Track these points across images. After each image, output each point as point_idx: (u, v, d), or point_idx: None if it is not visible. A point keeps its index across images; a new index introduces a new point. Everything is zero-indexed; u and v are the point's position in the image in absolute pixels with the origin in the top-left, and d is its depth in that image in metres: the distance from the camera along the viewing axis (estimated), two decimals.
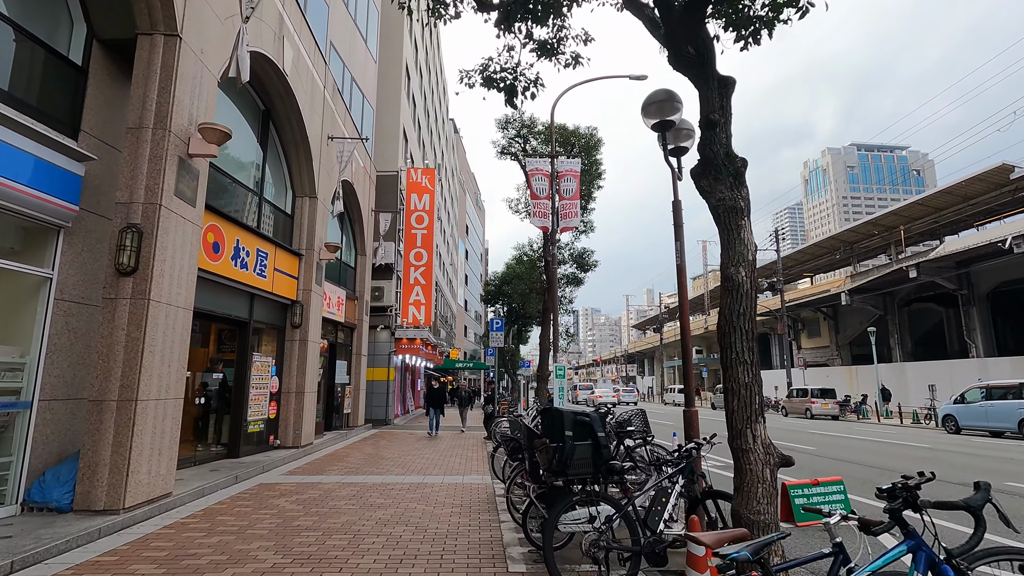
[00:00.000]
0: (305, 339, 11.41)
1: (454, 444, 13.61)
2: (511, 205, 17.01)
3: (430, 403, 15.71)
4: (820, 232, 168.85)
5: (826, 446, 14.10)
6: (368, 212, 17.50)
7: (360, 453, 11.54)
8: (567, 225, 13.15)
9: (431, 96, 37.56)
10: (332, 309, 14.34)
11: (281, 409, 11.05)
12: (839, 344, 40.13)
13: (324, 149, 12.48)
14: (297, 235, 11.73)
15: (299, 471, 9.06)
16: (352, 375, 16.43)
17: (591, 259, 16.41)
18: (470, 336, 69.73)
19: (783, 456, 3.54)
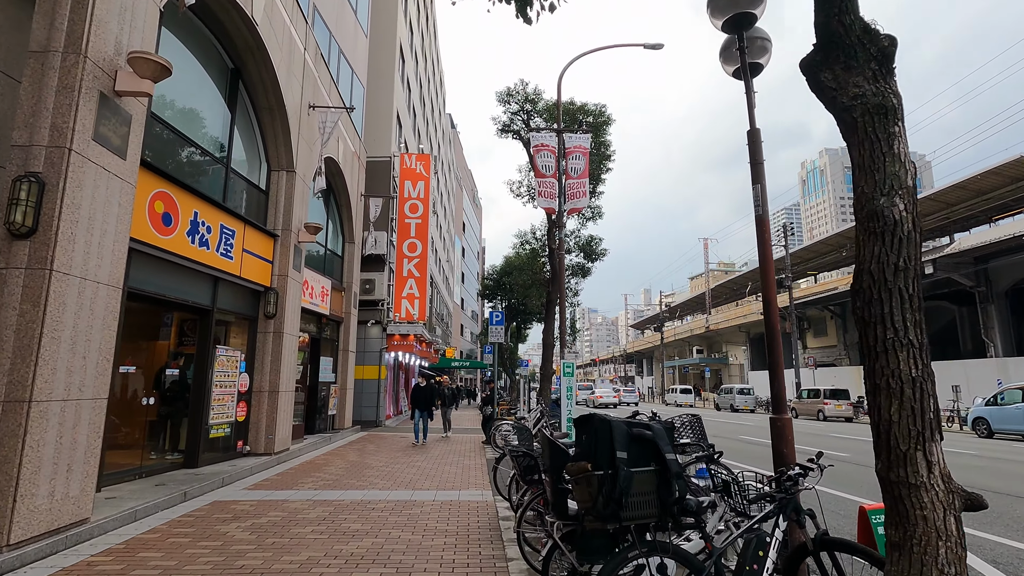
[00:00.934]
0: (280, 331, 10.04)
1: (448, 450, 12.26)
2: (512, 188, 15.73)
3: (415, 405, 13.62)
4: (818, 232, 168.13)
5: (862, 453, 12.83)
6: (357, 197, 16.14)
7: (342, 461, 10.17)
8: (575, 206, 11.83)
9: (427, 85, 36.21)
10: (315, 300, 12.98)
11: (252, 411, 9.67)
12: (847, 343, 38.96)
13: (305, 119, 11.12)
14: (272, 213, 10.36)
15: (266, 484, 7.69)
16: (338, 373, 15.07)
17: (599, 247, 15.11)
18: (466, 335, 68.39)
19: (969, 494, 2.23)
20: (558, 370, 17.92)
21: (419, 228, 20.82)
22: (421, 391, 13.79)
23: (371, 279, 19.54)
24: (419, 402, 13.68)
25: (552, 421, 11.70)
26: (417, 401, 13.72)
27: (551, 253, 14.47)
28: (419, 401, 13.70)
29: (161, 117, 7.42)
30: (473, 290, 75.59)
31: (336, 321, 15.03)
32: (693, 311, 76.58)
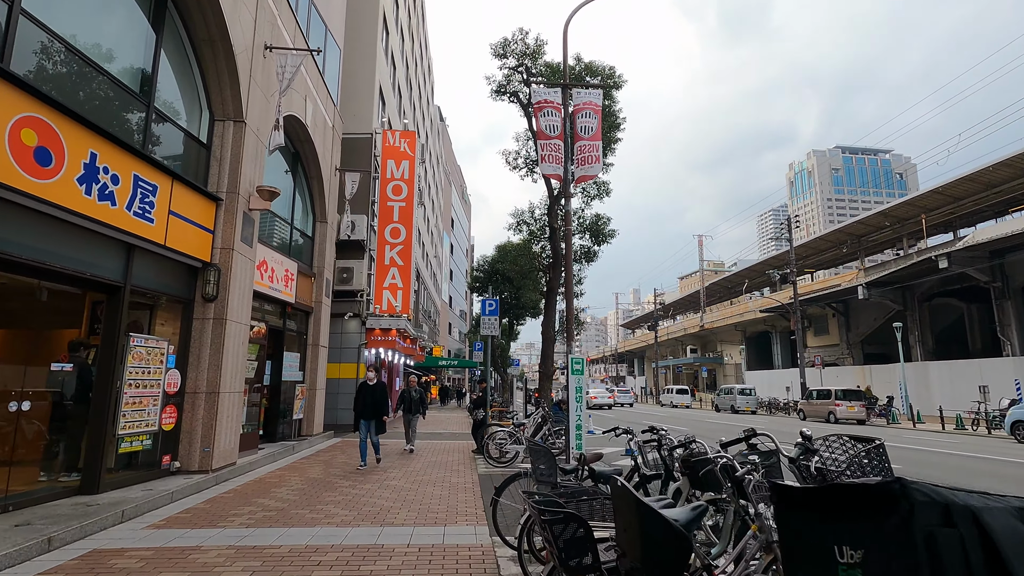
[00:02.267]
0: (223, 318, 8.06)
1: (431, 463, 10.34)
2: (508, 159, 13.78)
3: (359, 413, 9.54)
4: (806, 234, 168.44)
5: (914, 463, 11.12)
6: (331, 171, 14.16)
7: (300, 479, 8.22)
8: (586, 173, 9.95)
9: (414, 68, 34.22)
10: (276, 284, 11.00)
11: (184, 417, 7.69)
12: (850, 342, 37.59)
13: (260, 63, 9.15)
14: (215, 172, 8.38)
15: (181, 518, 5.73)
16: (307, 371, 13.08)
17: (607, 228, 13.27)
18: (454, 334, 66.45)
19: None
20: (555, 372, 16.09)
21: (403, 212, 18.88)
22: (368, 393, 9.56)
23: (349, 267, 17.56)
24: (365, 408, 9.49)
25: (556, 428, 9.85)
26: (362, 407, 9.53)
27: (552, 233, 12.62)
28: (365, 407, 9.49)
29: (46, 24, 5.45)
30: (461, 288, 73.58)
31: (304, 311, 13.04)
32: (686, 310, 75.30)
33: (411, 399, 11.70)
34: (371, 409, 9.52)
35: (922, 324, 32.45)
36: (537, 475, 3.83)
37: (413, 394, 11.78)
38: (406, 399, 11.67)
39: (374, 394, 9.65)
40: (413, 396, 11.75)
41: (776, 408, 33.22)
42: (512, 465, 9.63)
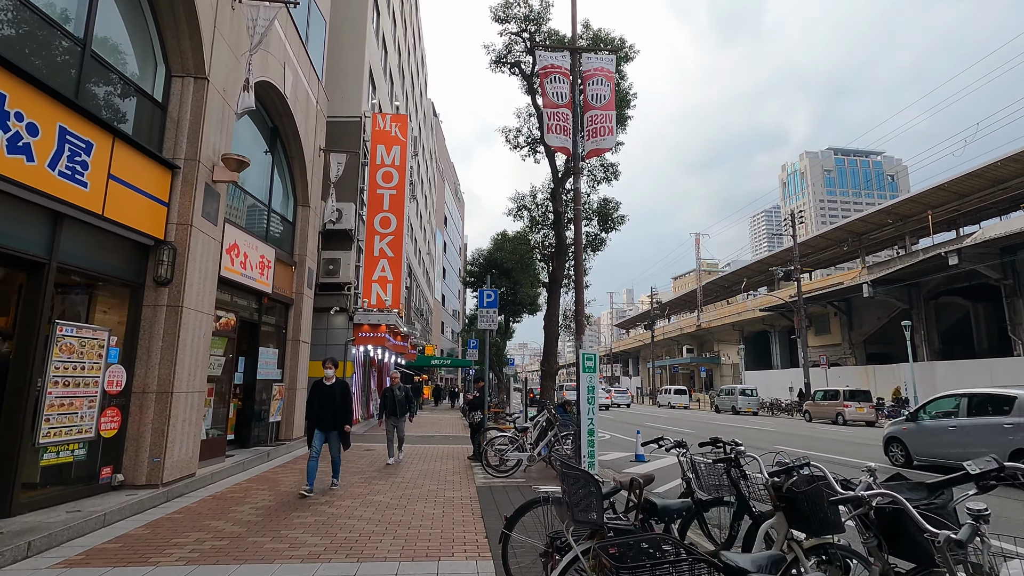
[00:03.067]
0: (179, 304, 6.89)
1: (422, 472, 9.21)
2: (508, 137, 12.61)
3: (312, 422, 7.31)
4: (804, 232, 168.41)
5: None
6: (314, 151, 12.98)
7: (269, 493, 7.06)
8: (598, 146, 8.87)
9: (407, 57, 33.02)
10: (250, 272, 9.82)
11: (129, 421, 6.51)
12: (852, 342, 36.77)
13: (227, 15, 7.99)
14: (172, 135, 7.20)
15: (105, 551, 4.57)
16: (286, 369, 11.90)
17: (616, 213, 12.12)
18: (447, 333, 65.27)
19: None
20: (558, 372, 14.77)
21: (393, 200, 17.72)
22: (323, 392, 7.26)
23: (335, 258, 16.41)
24: (321, 415, 7.20)
25: (564, 434, 8.74)
26: (317, 414, 7.23)
27: (557, 218, 11.49)
28: (321, 413, 7.21)
29: None
30: (455, 287, 72.34)
31: (283, 303, 11.85)
32: (681, 309, 74.50)
33: (395, 399, 9.88)
34: (327, 417, 7.16)
35: (928, 323, 31.65)
36: (574, 512, 2.74)
37: (397, 393, 9.93)
38: (389, 400, 9.94)
39: (332, 396, 7.22)
40: (397, 395, 9.91)
41: (778, 409, 32.31)
42: (513, 475, 8.51)
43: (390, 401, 9.95)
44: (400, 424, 9.99)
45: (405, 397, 10.06)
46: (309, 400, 7.43)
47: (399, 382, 10.26)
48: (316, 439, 7.20)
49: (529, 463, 8.55)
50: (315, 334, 16.34)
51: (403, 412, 9.95)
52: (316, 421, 7.24)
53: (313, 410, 7.27)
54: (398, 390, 10.04)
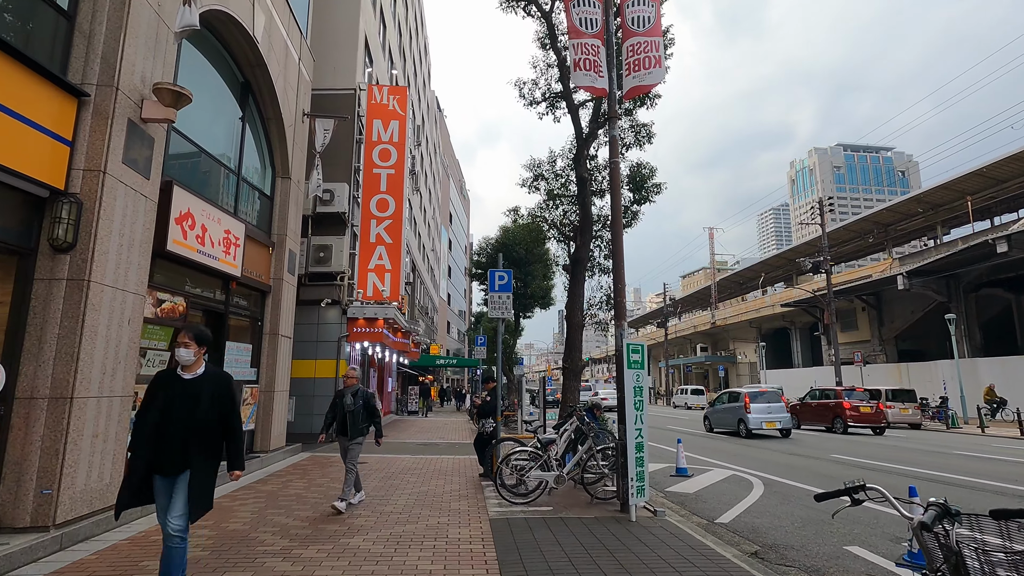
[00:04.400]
0: (84, 278, 5.07)
1: (421, 496, 7.37)
2: (523, 91, 10.68)
3: (140, 453, 3.50)
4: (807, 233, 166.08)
5: None
6: (295, 114, 11.19)
7: (207, 535, 5.23)
8: (642, 82, 7.01)
9: (409, 41, 31.27)
10: (211, 249, 8.01)
11: (9, 439, 4.70)
12: (883, 338, 34.63)
13: None
14: (81, 51, 5.39)
15: None
16: (263, 368, 10.09)
17: (651, 180, 10.19)
18: (453, 333, 63.56)
19: None
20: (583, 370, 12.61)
21: (392, 180, 15.92)
22: (165, 396, 3.55)
23: (326, 244, 14.63)
24: (164, 446, 3.44)
25: (603, 448, 6.87)
26: (157, 442, 3.45)
27: (581, 185, 9.60)
28: (164, 443, 3.44)
29: None
30: (461, 286, 70.59)
31: (258, 289, 10.04)
32: (693, 307, 72.36)
33: (344, 410, 6.46)
34: (175, 447, 3.40)
35: (968, 317, 29.51)
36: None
37: (348, 401, 6.45)
38: (338, 410, 6.57)
39: (178, 408, 3.48)
40: (348, 404, 6.44)
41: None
42: (536, 500, 6.65)
43: (340, 412, 6.54)
44: (354, 450, 6.41)
45: (364, 407, 6.49)
46: (140, 412, 4.81)
47: (356, 383, 6.67)
48: (157, 484, 3.51)
49: (555, 485, 6.68)
50: (304, 329, 14.59)
51: (358, 431, 6.40)
52: (151, 453, 3.56)
53: (143, 432, 3.67)
54: (351, 396, 6.50)
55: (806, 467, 10.49)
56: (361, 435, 6.46)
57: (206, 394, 3.54)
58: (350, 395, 6.53)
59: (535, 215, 11.40)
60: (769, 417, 16.65)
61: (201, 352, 3.64)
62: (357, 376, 6.77)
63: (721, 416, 18.45)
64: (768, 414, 16.70)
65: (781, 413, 16.92)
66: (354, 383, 6.66)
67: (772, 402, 17.13)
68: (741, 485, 8.72)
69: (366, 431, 6.53)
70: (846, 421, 18.61)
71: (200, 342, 3.64)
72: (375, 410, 6.61)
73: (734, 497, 7.80)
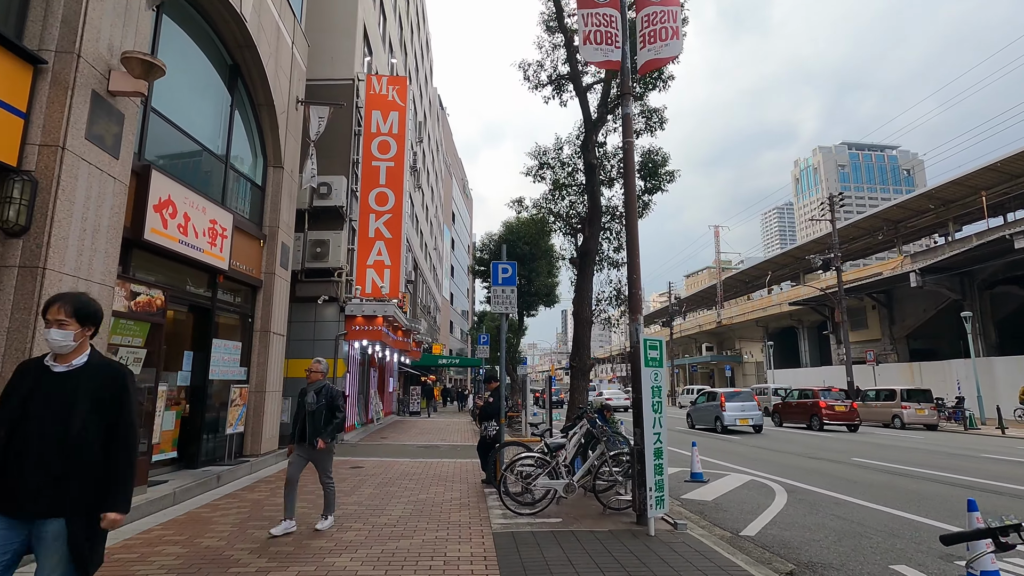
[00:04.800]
0: (38, 265, 4.54)
1: (418, 504, 6.83)
2: (527, 73, 10.07)
3: None
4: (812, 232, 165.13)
5: None
6: (288, 100, 10.66)
7: (172, 556, 4.68)
8: (658, 56, 6.45)
9: (410, 35, 30.77)
10: (194, 240, 7.49)
11: None
12: (894, 337, 33.93)
13: None
14: (38, 15, 4.86)
15: None
16: (253, 367, 9.56)
17: (664, 167, 9.61)
18: (456, 332, 63.05)
19: None
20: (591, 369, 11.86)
21: (391, 173, 15.38)
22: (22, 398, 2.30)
23: (323, 239, 14.12)
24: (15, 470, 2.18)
25: (616, 453, 6.31)
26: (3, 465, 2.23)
27: (589, 172, 9.03)
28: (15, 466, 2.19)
29: None
30: (463, 285, 70.02)
31: (248, 284, 9.51)
32: (698, 307, 71.68)
33: (304, 411, 5.44)
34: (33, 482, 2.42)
35: (983, 315, 28.81)
36: None
37: (309, 400, 5.45)
38: (299, 411, 5.53)
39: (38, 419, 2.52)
40: (309, 404, 5.43)
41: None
42: (544, 510, 6.09)
43: (300, 412, 5.49)
44: (322, 460, 5.46)
45: (327, 406, 5.44)
46: None
47: (321, 378, 5.66)
48: None
49: (565, 494, 6.12)
50: (301, 327, 14.10)
51: (317, 432, 5.34)
52: None
53: None
54: (314, 394, 5.49)
55: (829, 472, 9.91)
56: (323, 433, 5.43)
57: (84, 395, 2.31)
58: (313, 393, 5.50)
59: (540, 206, 10.81)
60: (742, 415, 18.00)
61: (85, 334, 2.40)
62: (323, 370, 5.76)
63: (701, 413, 19.67)
64: (742, 412, 18.05)
65: (753, 411, 18.21)
66: (319, 378, 5.66)
67: (746, 401, 18.46)
68: (762, 492, 8.14)
69: (331, 436, 5.48)
70: (822, 419, 19.70)
71: (83, 319, 2.38)
72: (337, 410, 5.53)
73: (756, 506, 7.23)
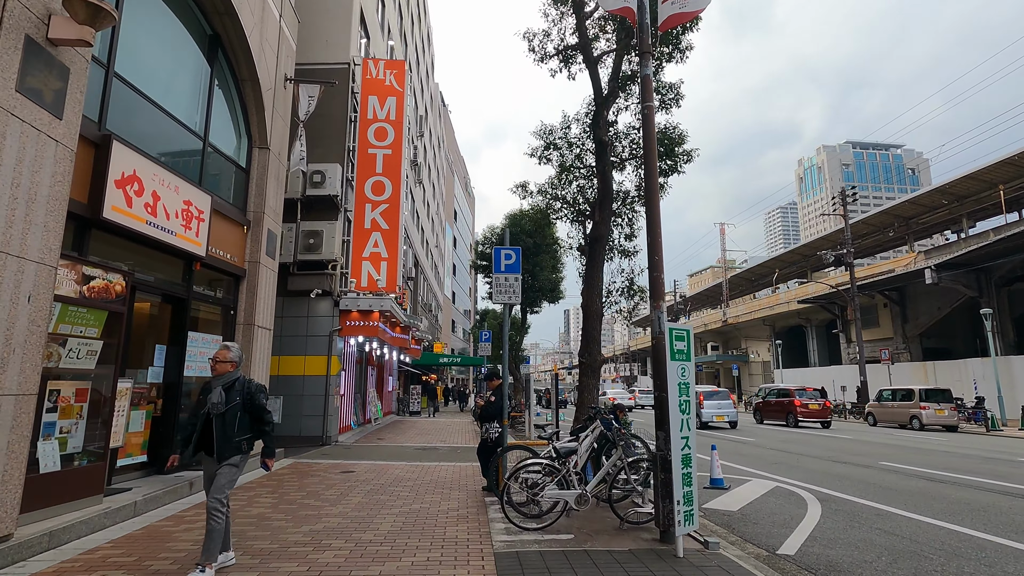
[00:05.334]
0: None
1: (408, 517, 6.10)
2: (533, 45, 9.25)
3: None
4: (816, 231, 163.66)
5: None
6: (275, 77, 9.94)
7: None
8: (683, 10, 5.73)
9: (411, 26, 30.07)
10: (165, 221, 6.77)
11: None
12: (907, 335, 33.07)
13: None
14: None
15: None
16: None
17: (682, 146, 8.84)
18: (458, 331, 62.33)
19: None
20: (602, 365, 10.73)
21: (388, 161, 14.65)
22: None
23: (317, 230, 13.41)
24: None
25: (633, 459, 5.56)
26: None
27: (600, 150, 8.27)
28: None
29: None
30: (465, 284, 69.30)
31: (229, 274, 8.79)
32: (702, 306, 70.85)
33: (207, 410, 4.04)
34: None
35: (1000, 312, 27.94)
36: None
37: (215, 400, 4.01)
38: (199, 415, 4.09)
39: None
40: (214, 405, 4.00)
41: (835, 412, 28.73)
42: (553, 524, 5.34)
43: (198, 415, 4.10)
44: (222, 477, 3.97)
45: (244, 407, 4.11)
46: None
47: (231, 369, 4.19)
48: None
49: (577, 506, 5.37)
50: (294, 323, 13.42)
51: (231, 447, 3.99)
52: None
53: None
54: (222, 390, 4.07)
55: (859, 477, 9.14)
56: (237, 453, 3.99)
57: None
58: (221, 389, 4.03)
59: (545, 192, 10.05)
60: (719, 412, 20.19)
61: None
62: (235, 359, 4.21)
63: None
64: (718, 409, 20.24)
65: (729, 409, 20.29)
66: (228, 369, 4.14)
67: (722, 400, 20.67)
68: (791, 501, 7.38)
69: (246, 447, 4.05)
70: (797, 416, 21.37)
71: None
72: (262, 412, 4.14)
73: (788, 517, 6.47)
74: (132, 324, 6.58)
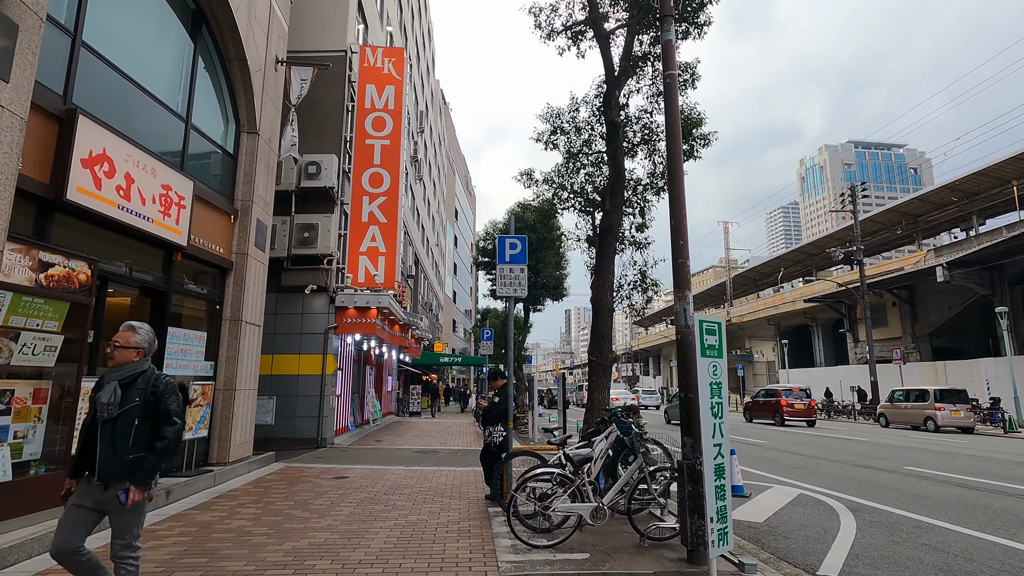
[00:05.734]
0: None
1: (405, 529, 5.53)
2: (539, 20, 8.58)
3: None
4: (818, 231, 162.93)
5: None
6: (264, 57, 9.37)
7: None
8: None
9: (411, 19, 29.51)
10: (139, 206, 6.21)
11: None
12: (916, 335, 32.43)
13: None
14: None
15: None
16: (221, 362, 8.27)
17: (700, 129, 8.27)
18: (459, 331, 61.78)
19: None
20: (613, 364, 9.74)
21: (386, 152, 14.09)
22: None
23: (312, 224, 12.85)
24: None
25: (654, 469, 4.99)
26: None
27: (612, 132, 7.69)
28: None
29: None
30: (466, 284, 68.76)
31: (215, 266, 8.23)
32: (706, 305, 70.25)
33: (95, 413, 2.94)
34: None
35: (1014, 311, 27.31)
36: None
37: (105, 401, 2.88)
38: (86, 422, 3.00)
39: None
40: (105, 407, 2.87)
41: (836, 412, 28.16)
42: (565, 540, 4.77)
43: (87, 421, 2.99)
44: (124, 516, 2.89)
45: (146, 409, 2.95)
46: None
47: (135, 359, 3.01)
48: None
49: (592, 521, 4.79)
50: (287, 320, 12.87)
51: (123, 467, 2.86)
52: None
53: None
54: (117, 389, 2.90)
55: (886, 483, 8.56)
56: (139, 474, 2.88)
57: None
58: (116, 384, 2.92)
59: (552, 180, 9.46)
60: None
61: None
62: (142, 344, 3.06)
63: (674, 411, 21.65)
64: None
65: None
66: (131, 358, 3.02)
67: None
68: (819, 510, 6.81)
69: (149, 468, 2.90)
70: (783, 415, 21.82)
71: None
72: (167, 419, 2.97)
73: (821, 530, 5.89)
74: (104, 319, 6.02)
